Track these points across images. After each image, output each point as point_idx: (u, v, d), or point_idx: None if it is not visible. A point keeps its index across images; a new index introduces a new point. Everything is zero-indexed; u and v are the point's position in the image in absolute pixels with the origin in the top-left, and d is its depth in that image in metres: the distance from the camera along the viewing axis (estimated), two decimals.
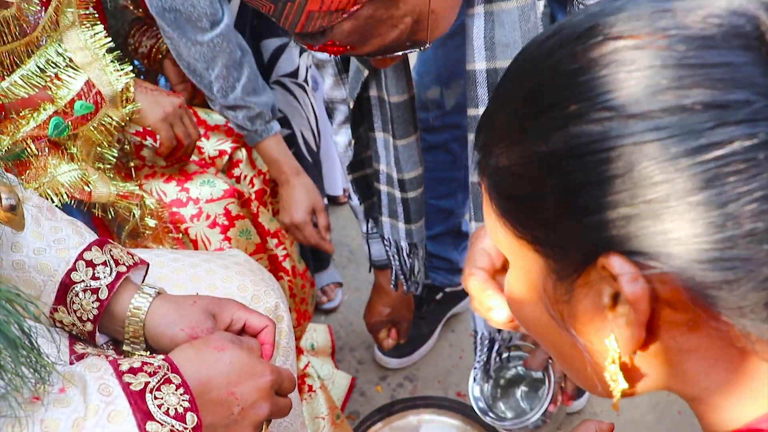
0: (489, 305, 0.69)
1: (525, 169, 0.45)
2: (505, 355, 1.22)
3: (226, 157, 1.44)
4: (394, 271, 1.39)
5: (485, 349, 1.21)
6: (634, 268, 0.41)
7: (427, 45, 0.89)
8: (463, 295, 1.92)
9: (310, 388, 1.57)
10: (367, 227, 1.42)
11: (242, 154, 1.45)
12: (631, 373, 0.48)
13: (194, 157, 1.39)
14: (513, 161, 0.46)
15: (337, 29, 0.80)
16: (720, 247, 0.39)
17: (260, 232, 1.40)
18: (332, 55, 1.21)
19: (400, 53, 0.90)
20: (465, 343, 1.88)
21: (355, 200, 1.41)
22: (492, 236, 0.52)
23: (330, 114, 1.36)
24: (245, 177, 1.45)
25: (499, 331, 1.19)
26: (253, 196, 1.42)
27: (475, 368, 1.24)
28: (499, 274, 0.70)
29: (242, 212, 1.34)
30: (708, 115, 0.39)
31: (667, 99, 0.40)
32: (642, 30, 0.41)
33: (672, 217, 0.40)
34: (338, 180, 2.27)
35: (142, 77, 1.57)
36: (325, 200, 1.92)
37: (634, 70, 0.40)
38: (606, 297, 0.44)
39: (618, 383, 0.46)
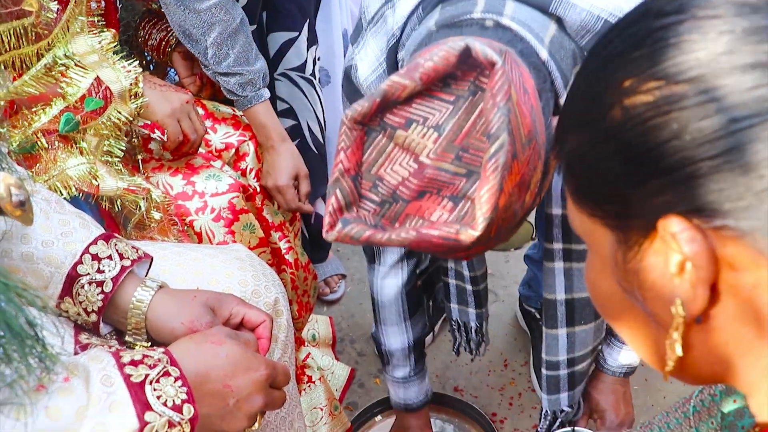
0: None
1: (590, 147, 0.49)
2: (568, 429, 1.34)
3: (233, 150, 1.46)
4: (458, 343, 1.47)
5: (547, 423, 1.34)
6: (691, 225, 0.43)
7: (534, 238, 1.02)
8: None
9: (310, 379, 1.60)
10: (388, 368, 1.42)
11: (249, 147, 1.48)
12: (693, 349, 0.49)
13: (201, 150, 1.42)
14: (580, 142, 0.50)
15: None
16: None
17: (264, 226, 1.43)
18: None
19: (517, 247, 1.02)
20: None
21: (396, 344, 1.38)
22: (572, 223, 0.56)
23: (374, 257, 1.31)
24: (251, 170, 1.48)
25: (563, 410, 1.33)
26: (258, 189, 1.45)
27: None
28: None
29: (247, 206, 1.36)
30: (753, 76, 0.41)
31: (712, 64, 0.42)
32: (690, 4, 0.45)
33: (724, 174, 0.41)
34: None
35: (151, 68, 1.60)
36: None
37: (681, 41, 0.44)
38: (673, 264, 0.45)
39: (675, 352, 0.48)
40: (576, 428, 1.34)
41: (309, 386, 1.60)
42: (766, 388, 0.47)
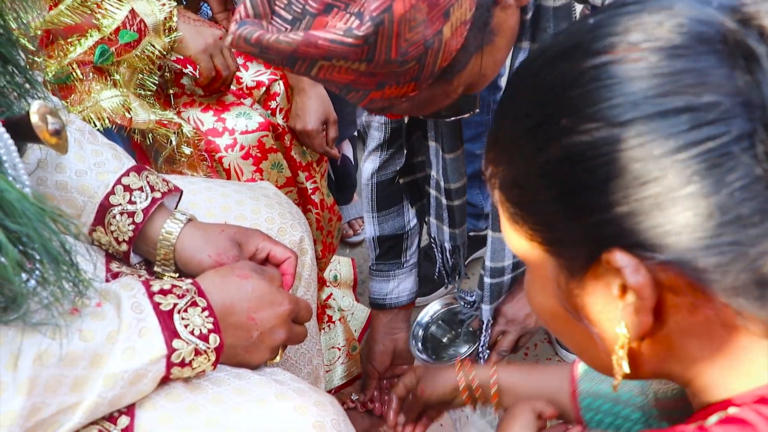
0: None
1: (527, 179, 0.50)
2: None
3: (264, 89, 1.46)
4: (438, 267, 1.44)
5: (489, 335, 1.31)
6: (635, 260, 0.46)
7: (476, 110, 0.96)
8: (485, 241, 1.95)
9: (330, 318, 1.63)
10: (373, 262, 1.42)
11: (280, 87, 1.47)
12: (637, 358, 0.52)
13: (233, 87, 1.42)
14: (516, 173, 0.51)
15: (396, 107, 0.83)
16: (710, 234, 0.43)
17: (292, 166, 1.44)
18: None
19: (452, 118, 0.97)
20: None
21: (368, 233, 1.41)
22: (509, 244, 0.57)
23: (363, 139, 1.35)
24: (281, 110, 1.48)
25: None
26: (287, 129, 1.45)
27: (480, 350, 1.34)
28: None
29: (275, 145, 1.37)
30: (684, 118, 0.43)
31: (646, 107, 0.44)
32: (618, 45, 0.46)
33: (663, 211, 0.44)
34: None
35: (184, 2, 1.59)
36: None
37: (614, 83, 0.45)
38: (615, 288, 0.48)
39: (622, 369, 0.51)
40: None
41: (329, 326, 1.63)
42: (697, 383, 0.52)
